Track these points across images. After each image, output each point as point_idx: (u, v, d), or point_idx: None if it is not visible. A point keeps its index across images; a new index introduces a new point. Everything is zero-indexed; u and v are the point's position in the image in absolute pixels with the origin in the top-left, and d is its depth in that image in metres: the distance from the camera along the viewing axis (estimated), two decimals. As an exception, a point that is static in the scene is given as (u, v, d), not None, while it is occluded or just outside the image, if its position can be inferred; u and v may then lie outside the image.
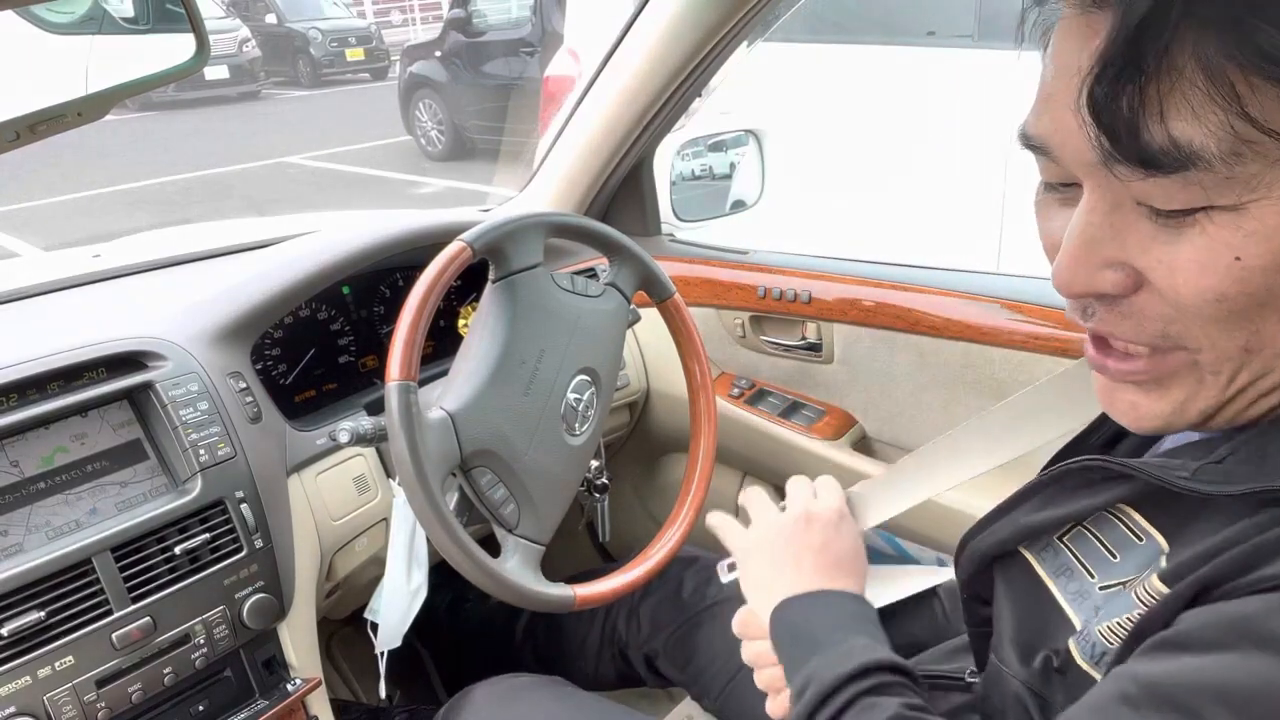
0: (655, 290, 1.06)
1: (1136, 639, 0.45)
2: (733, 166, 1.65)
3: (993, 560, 0.59)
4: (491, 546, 0.87)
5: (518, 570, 0.86)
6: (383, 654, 1.00)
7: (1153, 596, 0.45)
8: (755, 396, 1.41)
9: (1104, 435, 0.60)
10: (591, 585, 0.92)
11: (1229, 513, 0.43)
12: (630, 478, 1.66)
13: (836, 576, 0.70)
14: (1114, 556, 0.50)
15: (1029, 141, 0.45)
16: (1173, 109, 0.37)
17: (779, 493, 1.44)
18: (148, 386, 0.92)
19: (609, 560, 1.66)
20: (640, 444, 1.57)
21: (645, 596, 1.18)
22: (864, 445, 1.33)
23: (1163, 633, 0.42)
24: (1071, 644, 0.50)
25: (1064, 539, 0.53)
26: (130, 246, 1.39)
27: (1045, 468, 0.57)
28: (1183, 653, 0.41)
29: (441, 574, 1.09)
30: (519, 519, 0.88)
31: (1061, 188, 0.46)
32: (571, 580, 0.91)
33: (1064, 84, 0.41)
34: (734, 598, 0.81)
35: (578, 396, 0.95)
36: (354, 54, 11.76)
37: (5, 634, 0.78)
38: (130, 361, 0.94)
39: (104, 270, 1.21)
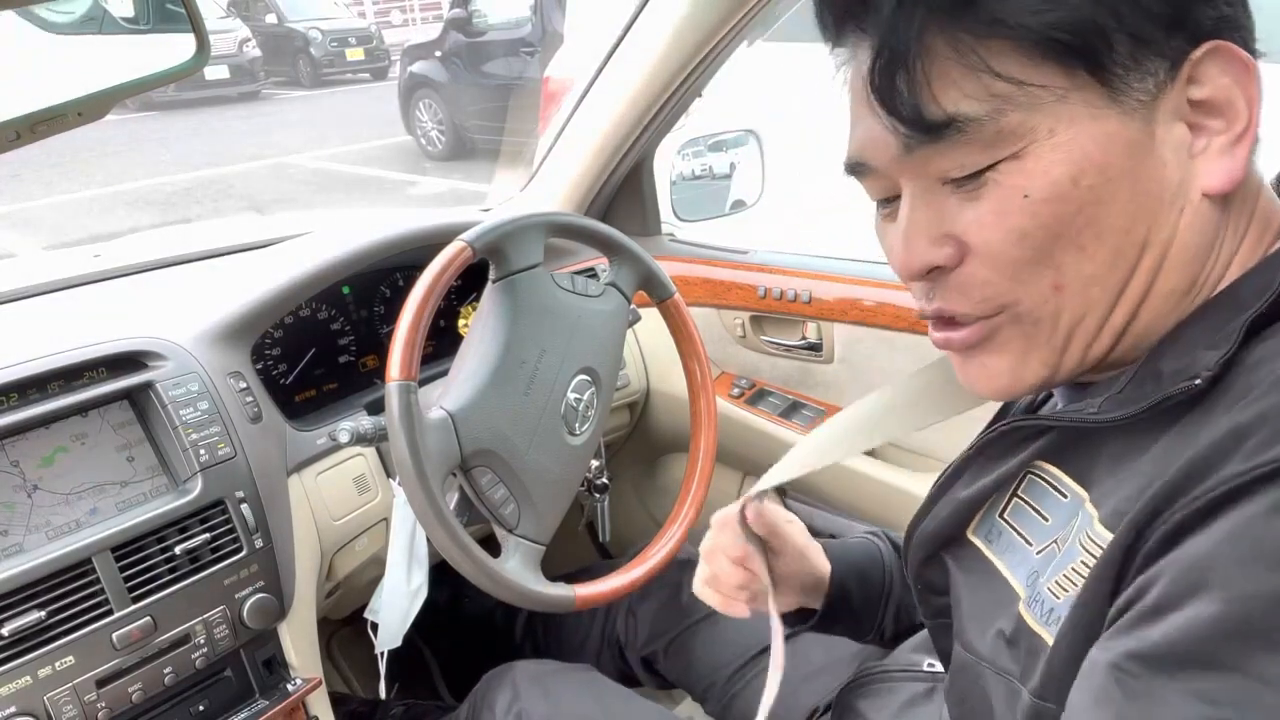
0: (655, 290, 1.06)
1: (1096, 598, 0.45)
2: (733, 166, 1.65)
3: (940, 548, 0.61)
4: (492, 546, 0.87)
5: (518, 570, 0.86)
6: (382, 654, 1.00)
7: (1097, 544, 0.46)
8: (755, 396, 1.41)
9: (1022, 404, 0.64)
10: (591, 585, 0.92)
11: (1141, 442, 0.46)
12: (630, 478, 1.66)
13: None
14: (1045, 519, 0.53)
15: (851, 166, 0.54)
16: (938, 85, 0.46)
17: (779, 492, 1.45)
18: (148, 386, 0.92)
19: (609, 560, 1.67)
20: (640, 444, 1.57)
21: (644, 599, 1.18)
22: (864, 445, 1.33)
23: (1137, 606, 0.41)
24: (1022, 610, 0.52)
25: (1005, 516, 0.56)
26: (130, 246, 1.40)
27: (971, 445, 0.60)
28: (1165, 612, 0.39)
29: (441, 571, 1.09)
30: (519, 519, 0.88)
31: (887, 203, 0.54)
32: (571, 580, 0.91)
33: (860, 101, 0.50)
34: None
35: (578, 396, 0.95)
36: (354, 54, 11.74)
37: (5, 634, 0.78)
38: (130, 361, 0.94)
39: (104, 270, 1.21)
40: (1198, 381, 0.43)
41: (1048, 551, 0.51)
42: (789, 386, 1.41)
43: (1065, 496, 0.51)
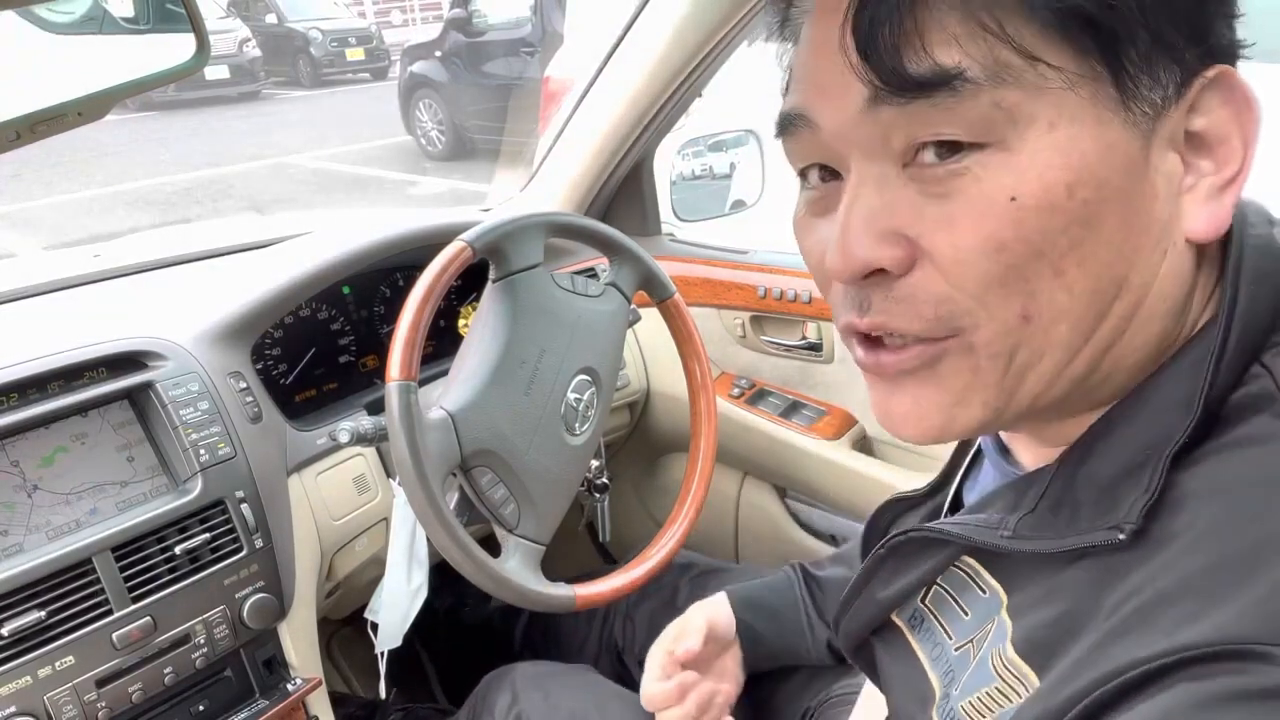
0: (655, 290, 1.06)
1: None
2: (733, 166, 1.65)
3: (869, 635, 0.59)
4: (492, 546, 0.87)
5: (518, 570, 0.86)
6: (382, 654, 1.00)
7: (1014, 674, 0.42)
8: (755, 396, 1.41)
9: (931, 497, 0.61)
10: (592, 585, 0.92)
11: (1052, 562, 0.43)
12: (630, 478, 1.66)
13: None
14: (965, 614, 0.49)
15: (788, 119, 0.45)
16: (932, 37, 0.38)
17: (779, 492, 1.45)
18: (148, 386, 0.92)
19: (609, 560, 1.67)
20: (640, 444, 1.57)
21: (641, 602, 1.18)
22: (864, 445, 1.33)
23: None
24: (934, 715, 0.48)
25: (926, 602, 0.53)
26: (130, 246, 1.40)
27: (880, 541, 0.56)
28: None
29: (441, 577, 1.09)
30: (519, 519, 0.88)
31: (815, 182, 0.46)
32: (572, 580, 0.91)
33: (824, 47, 0.41)
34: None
35: (578, 396, 0.95)
36: (354, 54, 11.74)
37: (5, 634, 0.78)
38: (130, 361, 0.94)
39: (104, 270, 1.21)
40: (1121, 537, 0.39)
41: (964, 651, 0.48)
42: (789, 386, 1.41)
43: (985, 592, 0.47)
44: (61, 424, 0.89)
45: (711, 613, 0.90)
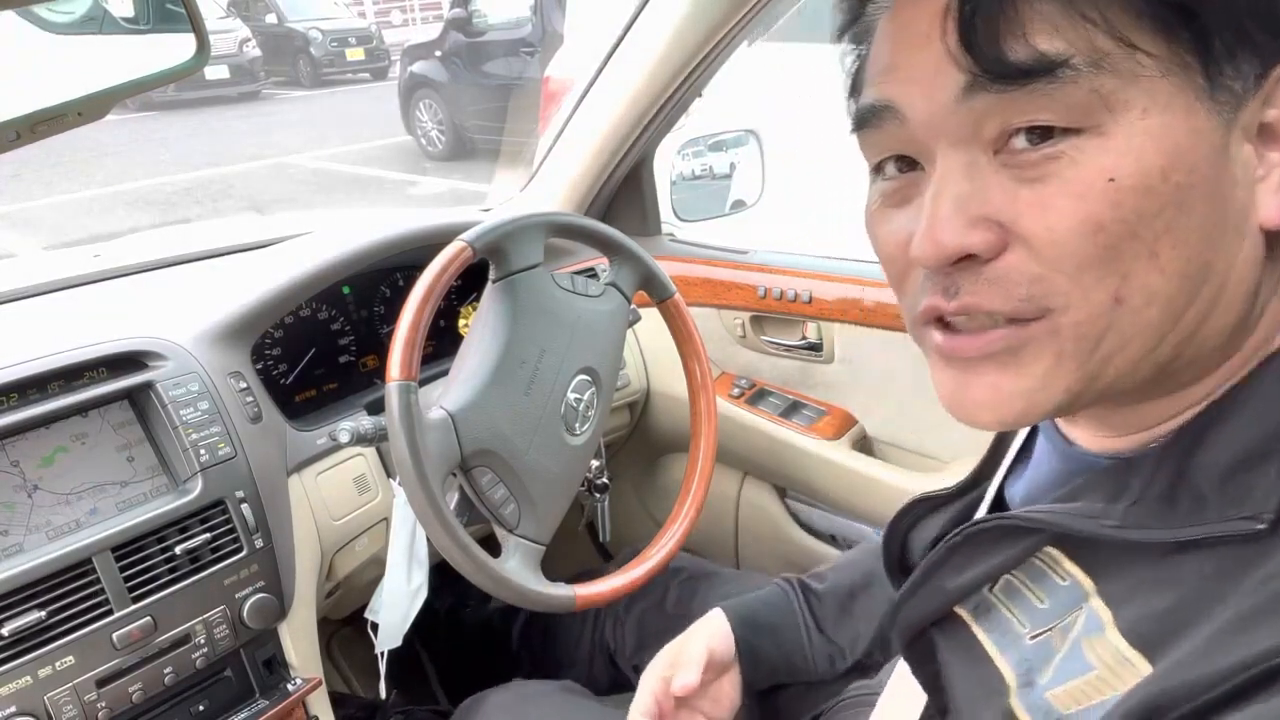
0: (655, 290, 1.06)
1: None
2: (733, 166, 1.65)
3: (929, 626, 0.57)
4: (492, 546, 0.87)
5: (518, 570, 0.86)
6: (382, 654, 1.00)
7: (1129, 663, 0.41)
8: (755, 396, 1.41)
9: (961, 496, 0.60)
10: (592, 585, 0.92)
11: (1159, 549, 0.42)
12: (630, 478, 1.66)
13: None
14: (1041, 602, 0.48)
15: (871, 111, 0.45)
16: (1034, 25, 0.39)
17: (779, 492, 1.45)
18: (148, 386, 0.92)
19: (609, 560, 1.67)
20: (640, 444, 1.57)
21: (631, 605, 1.18)
22: (864, 445, 1.33)
23: None
24: (1014, 704, 0.47)
25: (994, 590, 0.51)
26: (130, 246, 1.40)
27: (957, 529, 0.53)
28: None
29: (441, 577, 1.09)
30: (519, 519, 0.88)
31: (889, 175, 0.46)
32: (572, 580, 0.91)
33: (912, 37, 0.42)
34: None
35: (578, 396, 0.95)
36: (354, 54, 11.75)
37: (6, 634, 0.78)
38: (131, 361, 0.94)
39: (104, 270, 1.21)
40: (1260, 527, 0.38)
41: (1043, 640, 0.47)
42: (789, 386, 1.41)
43: (1064, 580, 0.46)
44: (61, 424, 0.89)
45: (711, 638, 0.86)
